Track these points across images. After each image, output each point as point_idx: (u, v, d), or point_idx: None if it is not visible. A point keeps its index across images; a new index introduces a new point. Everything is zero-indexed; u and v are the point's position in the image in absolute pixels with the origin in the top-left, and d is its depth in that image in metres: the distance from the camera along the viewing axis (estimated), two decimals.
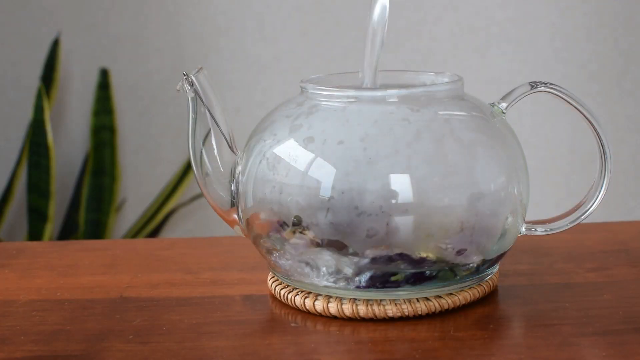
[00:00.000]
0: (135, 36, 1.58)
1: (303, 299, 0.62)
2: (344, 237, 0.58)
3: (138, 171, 1.62)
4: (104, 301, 0.65)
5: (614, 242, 0.75)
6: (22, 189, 1.57)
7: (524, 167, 0.63)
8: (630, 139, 1.61)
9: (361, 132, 0.59)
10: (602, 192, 0.63)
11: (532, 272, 0.68)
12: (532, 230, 0.64)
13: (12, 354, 0.57)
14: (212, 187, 0.65)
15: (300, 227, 0.59)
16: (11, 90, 1.59)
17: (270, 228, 0.61)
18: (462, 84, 0.64)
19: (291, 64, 1.58)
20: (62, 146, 1.61)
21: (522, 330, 0.59)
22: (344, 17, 1.57)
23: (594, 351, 0.55)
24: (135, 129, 1.61)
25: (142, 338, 0.58)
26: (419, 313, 0.60)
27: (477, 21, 1.58)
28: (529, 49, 1.59)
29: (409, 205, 0.58)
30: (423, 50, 1.58)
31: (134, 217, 1.62)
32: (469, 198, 0.59)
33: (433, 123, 0.60)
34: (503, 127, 0.63)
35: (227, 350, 0.57)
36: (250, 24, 1.58)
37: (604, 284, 0.65)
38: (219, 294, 0.66)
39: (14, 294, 0.67)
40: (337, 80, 0.66)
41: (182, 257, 0.75)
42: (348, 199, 0.58)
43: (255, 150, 0.62)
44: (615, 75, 1.60)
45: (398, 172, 0.58)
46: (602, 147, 0.63)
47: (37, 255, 0.77)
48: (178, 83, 0.63)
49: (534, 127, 1.60)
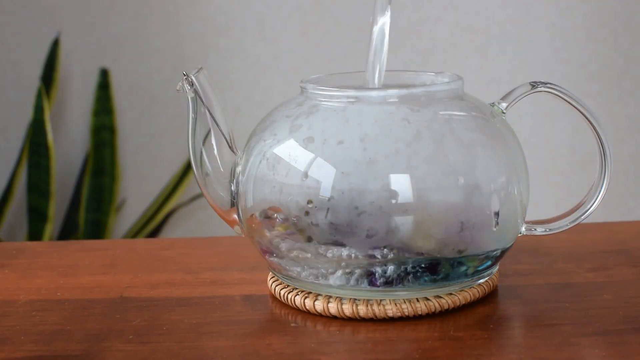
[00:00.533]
0: (135, 36, 1.58)
1: (303, 299, 0.62)
2: (344, 237, 0.58)
3: (138, 171, 1.62)
4: (104, 301, 0.65)
5: (614, 242, 0.75)
6: (22, 189, 1.57)
7: (524, 167, 0.63)
8: (630, 139, 1.61)
9: (361, 132, 0.59)
10: (602, 192, 0.63)
11: (532, 272, 0.68)
12: (532, 230, 0.64)
13: (12, 354, 0.57)
14: (212, 187, 0.65)
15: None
16: (11, 90, 1.59)
17: (270, 228, 0.61)
18: (462, 84, 0.64)
19: (291, 64, 1.58)
20: (62, 146, 1.61)
21: (522, 330, 0.59)
22: (344, 17, 1.57)
23: (594, 351, 0.55)
24: (135, 129, 1.61)
25: (142, 338, 0.58)
26: (419, 313, 0.60)
27: (477, 21, 1.58)
28: (529, 49, 1.59)
29: (409, 205, 0.58)
30: (423, 50, 1.58)
31: (134, 217, 1.62)
32: (469, 198, 0.59)
33: (433, 123, 0.60)
34: (503, 127, 0.63)
35: (227, 350, 0.57)
36: (250, 24, 1.58)
37: (604, 284, 0.65)
38: (219, 294, 0.66)
39: (14, 294, 0.67)
40: (337, 80, 0.66)
41: (182, 257, 0.75)
42: (348, 199, 0.58)
43: (255, 150, 0.62)
44: (615, 75, 1.60)
45: (398, 172, 0.58)
46: (602, 147, 0.63)
47: (37, 255, 0.77)
48: (178, 83, 0.63)
49: (534, 127, 1.60)
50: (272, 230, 0.61)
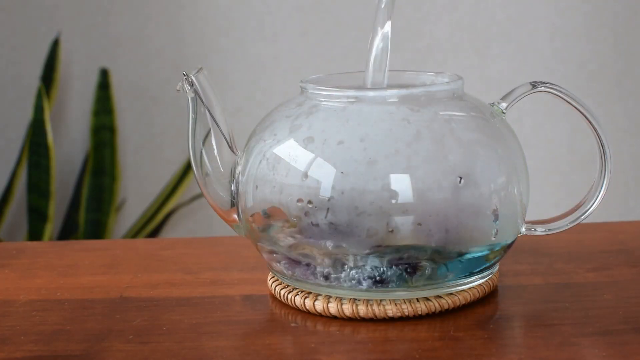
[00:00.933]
0: (135, 36, 1.58)
1: (303, 299, 0.62)
2: (344, 237, 0.58)
3: (138, 171, 1.62)
4: (104, 301, 0.65)
5: (614, 242, 0.75)
6: (22, 189, 1.57)
7: (524, 167, 0.63)
8: (630, 139, 1.61)
9: (361, 132, 0.59)
10: (602, 192, 0.63)
11: (532, 272, 0.68)
12: (532, 230, 0.64)
13: (12, 354, 0.57)
14: (212, 187, 0.65)
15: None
16: (11, 90, 1.59)
17: (270, 228, 0.61)
18: (462, 84, 0.64)
19: (291, 64, 1.58)
20: (62, 146, 1.61)
21: (522, 330, 0.59)
22: (344, 17, 1.57)
23: (594, 351, 0.55)
24: (135, 129, 1.61)
25: (142, 338, 0.58)
26: (419, 313, 0.60)
27: (477, 21, 1.58)
28: (529, 49, 1.59)
29: (409, 205, 0.58)
30: (423, 50, 1.58)
31: (134, 217, 1.62)
32: (469, 198, 0.59)
33: (433, 123, 0.60)
34: (503, 127, 0.63)
35: (227, 350, 0.57)
36: (250, 24, 1.58)
37: (604, 284, 0.65)
38: (219, 294, 0.66)
39: (14, 294, 0.67)
40: (337, 80, 0.66)
41: (182, 257, 0.75)
42: (348, 199, 0.58)
43: (255, 150, 0.62)
44: (615, 75, 1.60)
45: (398, 172, 0.58)
46: (602, 147, 0.63)
47: (37, 255, 0.77)
48: (178, 83, 0.63)
49: (534, 127, 1.60)
50: (272, 230, 0.61)
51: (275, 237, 0.61)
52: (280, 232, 0.61)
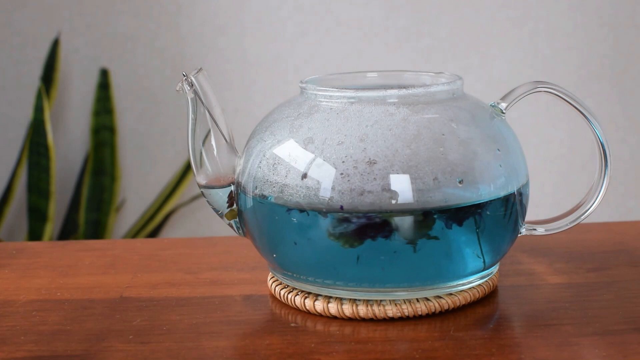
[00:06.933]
0: (135, 36, 1.58)
1: (303, 299, 0.62)
2: (344, 237, 0.58)
3: (138, 171, 1.62)
4: (104, 301, 0.65)
5: (614, 242, 0.75)
6: (22, 189, 1.57)
7: (524, 167, 0.63)
8: (630, 139, 1.61)
9: (361, 132, 0.59)
10: (602, 192, 0.63)
11: (532, 272, 0.68)
12: (532, 230, 0.64)
13: (12, 354, 0.57)
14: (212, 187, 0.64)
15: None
16: (11, 90, 1.59)
17: (269, 227, 0.61)
18: (462, 84, 0.64)
19: (291, 64, 1.58)
20: (62, 146, 1.61)
21: (522, 330, 0.59)
22: (344, 17, 1.57)
23: (594, 351, 0.55)
24: (135, 129, 1.61)
25: (142, 338, 0.58)
26: (419, 313, 0.60)
27: (477, 21, 1.58)
28: (529, 49, 1.59)
29: (409, 205, 0.58)
30: (423, 50, 1.58)
31: (134, 217, 1.62)
32: (469, 198, 0.59)
33: (433, 123, 0.60)
34: (503, 127, 0.63)
35: (227, 350, 0.57)
36: (250, 24, 1.58)
37: (604, 284, 0.65)
38: (219, 294, 0.66)
39: (14, 294, 0.67)
40: (337, 81, 0.66)
41: (182, 257, 0.75)
42: (348, 199, 0.58)
43: (255, 151, 0.62)
44: (615, 75, 1.60)
45: (398, 172, 0.58)
46: (602, 147, 0.63)
47: (37, 255, 0.77)
48: (178, 84, 0.63)
49: (534, 127, 1.60)
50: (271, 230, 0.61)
51: (275, 237, 0.61)
52: (279, 232, 0.61)
